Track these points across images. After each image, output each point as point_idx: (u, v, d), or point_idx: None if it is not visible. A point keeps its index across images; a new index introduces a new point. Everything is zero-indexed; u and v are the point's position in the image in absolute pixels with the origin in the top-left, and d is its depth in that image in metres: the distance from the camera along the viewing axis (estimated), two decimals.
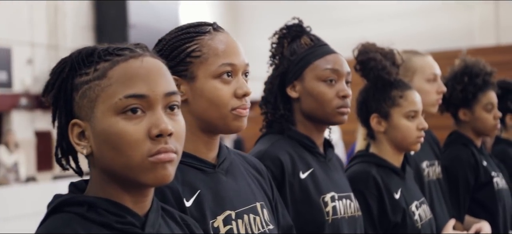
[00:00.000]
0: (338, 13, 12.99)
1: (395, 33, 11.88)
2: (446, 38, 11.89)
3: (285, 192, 1.50)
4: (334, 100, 1.58)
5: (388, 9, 12.64)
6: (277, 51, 1.65)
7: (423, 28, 12.31)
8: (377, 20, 12.57)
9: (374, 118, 1.91)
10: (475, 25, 12.29)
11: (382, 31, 12.06)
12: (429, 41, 11.32)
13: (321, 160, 1.62)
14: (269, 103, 1.63)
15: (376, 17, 12.64)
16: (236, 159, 1.32)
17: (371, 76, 1.88)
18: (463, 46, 11.92)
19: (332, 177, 1.61)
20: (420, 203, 1.91)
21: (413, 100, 1.89)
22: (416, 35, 11.95)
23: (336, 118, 1.59)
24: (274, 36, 1.66)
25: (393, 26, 12.38)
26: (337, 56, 1.61)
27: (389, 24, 12.44)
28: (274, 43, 1.66)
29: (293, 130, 1.61)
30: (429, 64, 2.25)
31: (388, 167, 1.89)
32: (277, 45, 1.65)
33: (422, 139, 1.91)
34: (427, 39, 11.61)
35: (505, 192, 2.50)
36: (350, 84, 1.63)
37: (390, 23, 12.46)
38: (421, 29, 12.25)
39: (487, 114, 2.49)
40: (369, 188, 1.80)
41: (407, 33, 12.09)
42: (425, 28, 12.27)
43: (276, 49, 1.65)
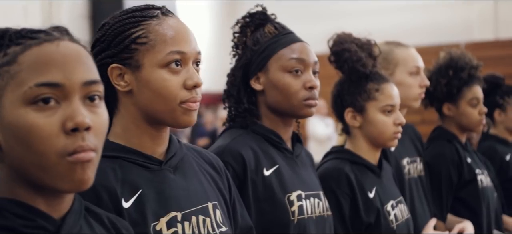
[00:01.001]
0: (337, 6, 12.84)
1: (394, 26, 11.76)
2: (444, 32, 11.77)
3: (247, 190, 1.41)
4: (301, 92, 1.49)
5: (387, 3, 12.52)
6: (240, 41, 1.56)
7: (421, 22, 12.18)
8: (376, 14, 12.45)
9: (348, 112, 1.82)
10: (474, 19, 12.18)
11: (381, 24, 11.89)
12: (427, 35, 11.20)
13: (288, 156, 1.53)
14: (232, 97, 1.54)
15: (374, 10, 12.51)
16: (189, 154, 1.23)
17: (345, 68, 1.80)
18: (462, 40, 11.80)
19: (300, 174, 1.52)
20: (397, 202, 1.82)
21: (390, 94, 1.80)
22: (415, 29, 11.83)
23: (303, 111, 1.50)
24: (236, 25, 1.57)
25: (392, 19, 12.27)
26: (303, 45, 1.52)
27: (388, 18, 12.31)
28: (236, 33, 1.57)
29: (258, 124, 1.53)
30: (412, 57, 2.16)
31: (363, 164, 1.81)
32: (239, 34, 1.56)
33: (399, 134, 1.82)
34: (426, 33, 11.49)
35: (490, 190, 2.42)
36: (317, 75, 1.53)
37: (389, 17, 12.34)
38: (419, 23, 12.12)
39: (472, 109, 2.40)
40: (341, 187, 1.72)
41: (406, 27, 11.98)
42: (423, 22, 12.15)
43: (239, 39, 1.56)
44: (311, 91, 1.49)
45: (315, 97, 1.50)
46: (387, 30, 12.04)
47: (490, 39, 11.93)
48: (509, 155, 2.92)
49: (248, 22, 1.55)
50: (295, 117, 1.53)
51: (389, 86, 1.81)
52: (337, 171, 1.75)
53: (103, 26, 1.15)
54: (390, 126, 1.79)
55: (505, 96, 2.95)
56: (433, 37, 11.22)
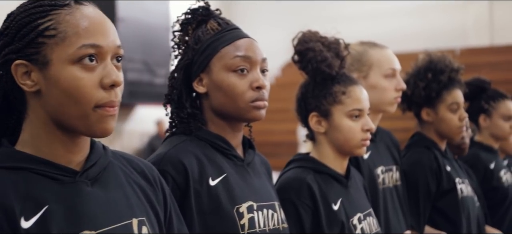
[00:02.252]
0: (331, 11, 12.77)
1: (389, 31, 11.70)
2: (440, 38, 11.70)
3: (190, 202, 1.28)
4: (247, 93, 1.35)
5: (382, 8, 12.45)
6: (181, 40, 1.42)
7: (417, 27, 12.12)
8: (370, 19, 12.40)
9: (313, 117, 1.69)
10: (469, 25, 12.12)
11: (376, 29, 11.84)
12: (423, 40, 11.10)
13: (238, 164, 1.40)
14: (173, 102, 1.40)
15: (369, 15, 12.46)
16: (117, 163, 1.10)
17: (309, 69, 1.67)
18: (457, 46, 11.74)
19: (252, 183, 1.39)
20: (365, 215, 1.69)
21: (358, 97, 1.67)
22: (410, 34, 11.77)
23: (251, 114, 1.37)
24: (176, 23, 1.43)
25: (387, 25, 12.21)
26: (249, 41, 1.39)
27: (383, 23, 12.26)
28: (176, 31, 1.43)
29: (203, 130, 1.39)
30: (387, 58, 2.03)
31: (328, 173, 1.67)
32: (180, 33, 1.42)
33: (367, 141, 1.69)
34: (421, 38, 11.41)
35: (470, 200, 2.28)
36: (267, 74, 1.40)
37: (384, 22, 12.29)
38: (415, 29, 12.06)
39: (452, 114, 2.27)
40: (302, 198, 1.59)
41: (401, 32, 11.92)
42: (419, 28, 12.08)
43: (180, 38, 1.42)
44: (259, 92, 1.36)
45: (264, 98, 1.37)
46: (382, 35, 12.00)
47: (486, 44, 11.85)
48: (494, 163, 2.79)
49: (189, 19, 1.42)
50: (242, 120, 1.40)
51: (357, 89, 1.68)
52: (298, 181, 1.61)
53: (8, 17, 1.01)
54: (358, 132, 1.67)
55: (490, 101, 2.82)
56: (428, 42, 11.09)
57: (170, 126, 1.41)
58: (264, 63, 1.39)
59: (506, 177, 2.83)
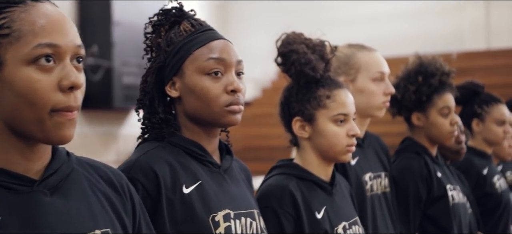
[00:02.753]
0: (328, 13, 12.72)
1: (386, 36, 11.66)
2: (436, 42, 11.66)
3: (162, 211, 1.22)
4: (222, 97, 1.29)
5: (379, 11, 12.40)
6: (154, 42, 1.36)
7: (413, 31, 12.07)
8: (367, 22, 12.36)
9: (296, 121, 1.63)
10: (465, 28, 12.08)
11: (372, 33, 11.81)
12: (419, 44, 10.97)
13: (214, 171, 1.34)
14: (145, 107, 1.34)
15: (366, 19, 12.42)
16: (81, 171, 1.03)
17: (292, 71, 1.61)
18: (454, 49, 11.69)
19: (229, 190, 1.33)
20: (351, 224, 1.63)
21: (343, 101, 1.61)
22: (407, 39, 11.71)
23: (226, 118, 1.31)
24: (149, 25, 1.37)
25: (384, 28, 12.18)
26: (223, 43, 1.32)
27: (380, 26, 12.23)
28: (148, 33, 1.37)
29: (177, 136, 1.33)
30: (376, 61, 1.97)
31: (312, 180, 1.61)
32: (152, 35, 1.36)
33: (353, 147, 1.63)
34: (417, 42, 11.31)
35: (462, 207, 2.23)
36: (242, 77, 1.34)
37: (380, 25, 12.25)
38: (411, 33, 12.01)
39: (443, 119, 2.22)
40: (284, 206, 1.52)
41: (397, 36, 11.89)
42: (415, 31, 12.03)
43: (153, 40, 1.36)
44: (234, 96, 1.30)
45: (239, 102, 1.31)
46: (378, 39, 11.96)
47: (482, 48, 11.81)
48: (487, 168, 2.74)
49: (161, 20, 1.36)
50: (217, 125, 1.34)
51: (342, 93, 1.62)
52: (280, 188, 1.55)
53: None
54: (343, 138, 1.61)
55: (483, 105, 2.77)
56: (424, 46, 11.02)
57: (142, 132, 1.35)
58: (240, 66, 1.33)
59: (500, 182, 2.78)
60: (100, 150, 10.36)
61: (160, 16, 1.35)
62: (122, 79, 10.03)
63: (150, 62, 1.36)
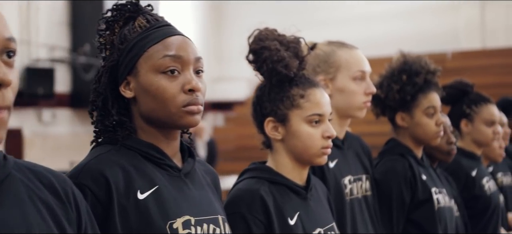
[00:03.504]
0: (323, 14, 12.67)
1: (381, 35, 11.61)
2: (431, 41, 11.63)
3: (114, 218, 1.14)
4: (179, 97, 1.21)
5: (374, 11, 12.35)
6: (107, 40, 1.27)
7: (408, 30, 12.02)
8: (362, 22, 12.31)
9: (269, 122, 1.55)
10: (460, 28, 12.04)
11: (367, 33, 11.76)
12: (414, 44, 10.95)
13: (174, 175, 1.25)
14: (98, 108, 1.26)
15: (361, 18, 12.37)
16: (18, 177, 0.95)
17: (264, 69, 1.53)
18: (449, 49, 11.64)
19: (190, 195, 1.25)
20: (326, 230, 1.55)
21: (318, 101, 1.53)
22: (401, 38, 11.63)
23: (184, 120, 1.22)
24: (102, 22, 1.28)
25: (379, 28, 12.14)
26: (180, 39, 1.24)
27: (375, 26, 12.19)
28: (101, 30, 1.28)
29: (133, 138, 1.25)
30: (356, 60, 1.88)
31: (285, 185, 1.53)
32: (106, 32, 1.28)
33: (328, 150, 1.55)
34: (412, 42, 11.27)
35: (448, 211, 2.14)
36: (202, 75, 1.26)
37: (375, 25, 12.21)
38: (406, 32, 11.96)
39: (428, 119, 2.14)
40: (254, 212, 1.44)
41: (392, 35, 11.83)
42: (410, 31, 11.98)
43: (107, 38, 1.27)
44: (192, 95, 1.22)
45: (198, 102, 1.22)
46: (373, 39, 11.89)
47: (477, 47, 11.75)
48: (476, 170, 2.66)
49: (115, 16, 1.27)
50: (175, 127, 1.26)
51: (317, 92, 1.54)
52: (250, 193, 1.47)
53: None
54: (317, 139, 1.52)
55: (472, 105, 2.69)
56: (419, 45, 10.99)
57: (95, 135, 1.27)
58: (199, 63, 1.25)
59: (489, 185, 2.70)
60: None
61: (114, 12, 1.27)
62: None
63: (104, 62, 1.27)
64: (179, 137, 1.30)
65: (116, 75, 1.25)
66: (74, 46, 10.01)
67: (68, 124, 9.87)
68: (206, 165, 1.40)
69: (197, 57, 1.24)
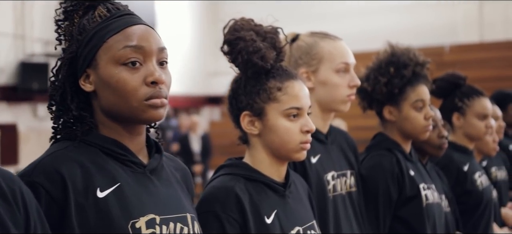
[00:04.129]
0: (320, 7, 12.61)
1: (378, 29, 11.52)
2: (429, 35, 11.56)
3: (70, 218, 1.07)
4: (141, 90, 1.15)
5: (371, 5, 12.28)
6: (67, 31, 1.21)
7: (406, 24, 11.96)
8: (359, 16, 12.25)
9: (245, 116, 1.48)
10: (458, 21, 11.97)
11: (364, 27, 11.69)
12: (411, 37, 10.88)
13: (138, 171, 1.19)
14: (56, 103, 1.19)
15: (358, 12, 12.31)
16: None
17: (239, 61, 1.46)
18: (447, 42, 11.57)
19: (156, 193, 1.18)
20: (306, 229, 1.48)
21: (296, 94, 1.46)
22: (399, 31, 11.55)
23: (147, 114, 1.16)
24: (59, 11, 1.21)
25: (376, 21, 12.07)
26: (142, 29, 1.17)
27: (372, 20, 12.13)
28: (60, 21, 1.21)
29: (93, 134, 1.18)
30: (340, 51, 1.81)
31: (262, 181, 1.46)
32: (65, 22, 1.21)
33: (307, 144, 1.48)
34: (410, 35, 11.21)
35: (436, 207, 2.08)
36: (167, 66, 1.20)
37: (373, 19, 12.14)
38: (404, 25, 11.89)
39: (416, 113, 2.07)
40: (228, 210, 1.37)
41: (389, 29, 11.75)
42: (408, 25, 11.92)
43: (66, 29, 1.21)
44: (155, 88, 1.15)
45: (161, 95, 1.16)
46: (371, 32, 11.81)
47: (475, 41, 11.68)
48: (468, 164, 2.59)
49: (74, 5, 1.20)
50: (137, 122, 1.19)
51: (295, 85, 1.47)
52: (225, 190, 1.40)
53: None
54: (296, 134, 1.46)
55: (464, 98, 2.62)
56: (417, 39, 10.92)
57: (54, 132, 1.20)
58: (162, 54, 1.18)
59: (481, 179, 2.63)
60: None
61: (73, 0, 1.20)
62: None
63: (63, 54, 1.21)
64: (144, 132, 1.23)
65: (75, 68, 1.18)
66: None
67: None
68: (176, 161, 1.33)
69: (160, 48, 1.18)
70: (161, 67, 1.18)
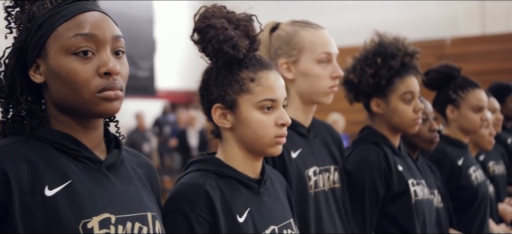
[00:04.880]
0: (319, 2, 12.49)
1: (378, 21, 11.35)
2: (430, 27, 11.45)
3: (15, 219, 0.99)
4: (93, 82, 1.07)
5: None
6: (17, 19, 1.13)
7: (406, 17, 11.84)
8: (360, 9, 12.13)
9: (216, 109, 1.39)
10: (460, 13, 11.85)
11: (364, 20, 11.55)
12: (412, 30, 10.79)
13: (93, 168, 1.11)
14: (4, 96, 1.11)
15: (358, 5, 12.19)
16: None
17: (210, 50, 1.37)
18: (448, 35, 11.44)
19: (113, 191, 1.10)
20: (282, 227, 1.39)
21: (270, 85, 1.37)
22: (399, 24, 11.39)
23: (100, 107, 1.08)
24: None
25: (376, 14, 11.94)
26: (95, 16, 1.09)
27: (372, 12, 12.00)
28: (9, 7, 1.13)
29: (44, 128, 1.10)
30: (321, 40, 1.72)
31: (235, 178, 1.38)
32: (14, 9, 1.13)
33: (283, 139, 1.39)
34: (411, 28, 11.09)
35: (426, 203, 1.98)
36: (123, 56, 1.11)
37: (373, 11, 12.02)
38: (404, 18, 11.76)
39: (405, 105, 1.98)
40: (197, 209, 1.29)
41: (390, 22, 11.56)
42: (408, 17, 11.80)
43: (16, 16, 1.13)
44: (108, 79, 1.07)
45: (115, 87, 1.08)
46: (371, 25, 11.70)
47: (477, 33, 11.56)
48: (462, 159, 2.50)
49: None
50: (90, 115, 1.11)
51: (270, 75, 1.38)
52: (194, 188, 1.31)
53: None
54: (270, 127, 1.37)
55: (458, 90, 2.52)
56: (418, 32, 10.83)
57: (2, 126, 1.12)
58: (118, 43, 1.10)
59: (476, 174, 2.54)
60: None
61: None
62: None
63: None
64: (101, 126, 1.15)
65: (25, 58, 1.10)
66: None
67: None
68: (140, 157, 1.25)
69: (115, 36, 1.10)
70: (117, 57, 1.10)
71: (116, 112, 1.10)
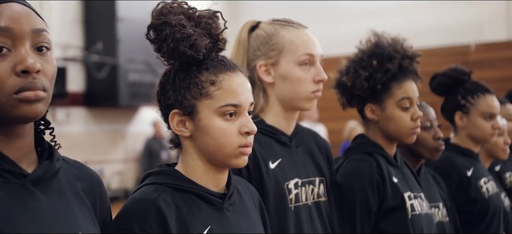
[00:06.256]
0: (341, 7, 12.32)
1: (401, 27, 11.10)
2: (453, 33, 11.17)
3: None
4: (9, 81, 0.95)
5: (394, 3, 11.94)
6: None
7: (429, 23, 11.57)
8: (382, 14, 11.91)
9: (174, 115, 1.25)
10: (484, 18, 11.54)
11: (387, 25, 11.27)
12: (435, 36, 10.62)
13: (15, 182, 0.98)
14: None
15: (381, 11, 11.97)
16: None
17: (165, 50, 1.23)
18: (472, 41, 11.15)
19: (38, 209, 0.97)
20: None
21: (233, 89, 1.22)
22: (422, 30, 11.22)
23: (18, 110, 0.96)
24: None
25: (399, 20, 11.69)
26: (13, 8, 0.97)
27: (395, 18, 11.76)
28: None
29: None
30: (303, 41, 1.56)
31: (193, 192, 1.23)
32: None
33: (248, 148, 1.24)
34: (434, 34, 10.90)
35: (426, 219, 1.81)
36: (48, 52, 0.99)
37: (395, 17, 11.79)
38: (427, 24, 11.51)
39: (402, 112, 1.81)
40: (147, 227, 1.14)
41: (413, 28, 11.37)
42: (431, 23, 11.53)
43: None
44: (27, 78, 0.96)
45: (36, 86, 0.96)
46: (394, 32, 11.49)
47: (503, 39, 11.25)
48: (472, 169, 2.32)
49: None
50: (9, 121, 0.98)
51: (233, 78, 1.23)
52: (145, 203, 1.17)
53: None
54: (233, 136, 1.22)
55: (468, 96, 2.34)
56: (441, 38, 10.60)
57: None
58: (40, 38, 0.99)
59: (488, 186, 2.35)
60: (109, 148, 10.13)
61: None
62: (128, 77, 9.80)
63: None
64: (29, 133, 1.02)
65: None
66: (86, 45, 9.91)
67: (82, 122, 9.80)
68: (83, 169, 1.12)
69: (35, 29, 0.97)
70: (39, 54, 0.98)
71: (38, 116, 0.97)
